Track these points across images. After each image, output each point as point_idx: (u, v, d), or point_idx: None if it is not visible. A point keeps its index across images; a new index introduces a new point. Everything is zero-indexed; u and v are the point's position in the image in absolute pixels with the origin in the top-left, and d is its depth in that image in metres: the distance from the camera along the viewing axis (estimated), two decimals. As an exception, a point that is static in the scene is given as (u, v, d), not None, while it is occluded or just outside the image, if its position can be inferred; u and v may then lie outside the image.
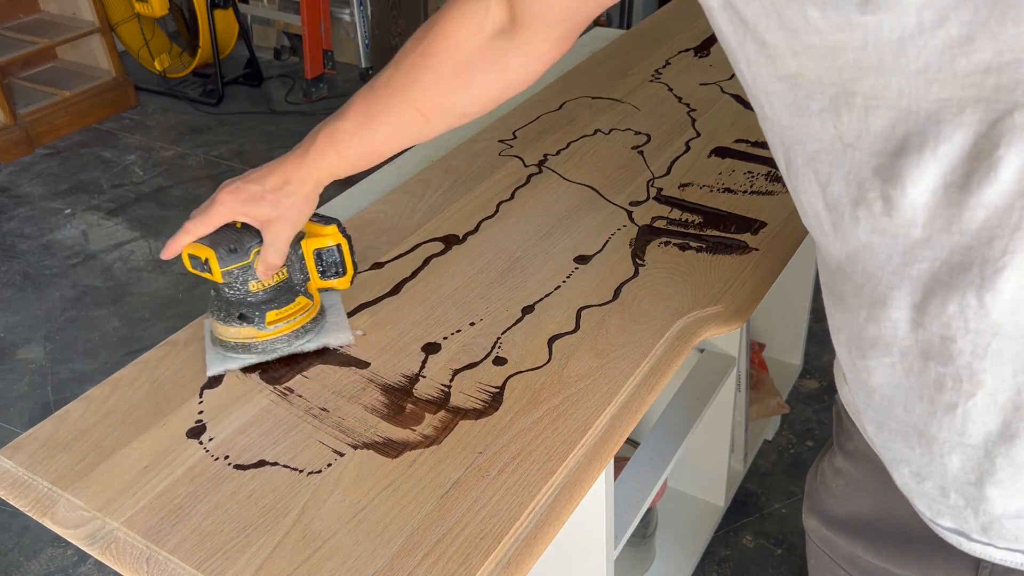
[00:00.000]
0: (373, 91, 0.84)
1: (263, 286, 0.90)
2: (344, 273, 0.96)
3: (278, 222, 0.86)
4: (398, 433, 0.84)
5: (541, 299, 1.01)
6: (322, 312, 0.97)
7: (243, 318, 0.91)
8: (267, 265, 0.88)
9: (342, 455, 0.82)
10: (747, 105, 1.41)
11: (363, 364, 0.93)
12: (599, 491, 1.02)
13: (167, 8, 3.50)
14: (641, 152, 1.30)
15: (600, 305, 1.00)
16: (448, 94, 0.83)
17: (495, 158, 1.31)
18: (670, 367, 0.93)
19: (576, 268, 1.06)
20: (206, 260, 0.87)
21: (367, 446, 0.83)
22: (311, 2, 3.49)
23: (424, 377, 0.91)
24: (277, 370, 0.93)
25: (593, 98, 1.47)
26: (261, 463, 0.82)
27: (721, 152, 1.29)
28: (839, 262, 0.54)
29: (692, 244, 1.10)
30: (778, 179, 1.22)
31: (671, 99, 1.45)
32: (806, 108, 0.49)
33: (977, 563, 0.60)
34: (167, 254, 0.87)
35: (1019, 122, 0.41)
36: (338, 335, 0.95)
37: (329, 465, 0.81)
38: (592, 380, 0.90)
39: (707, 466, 1.63)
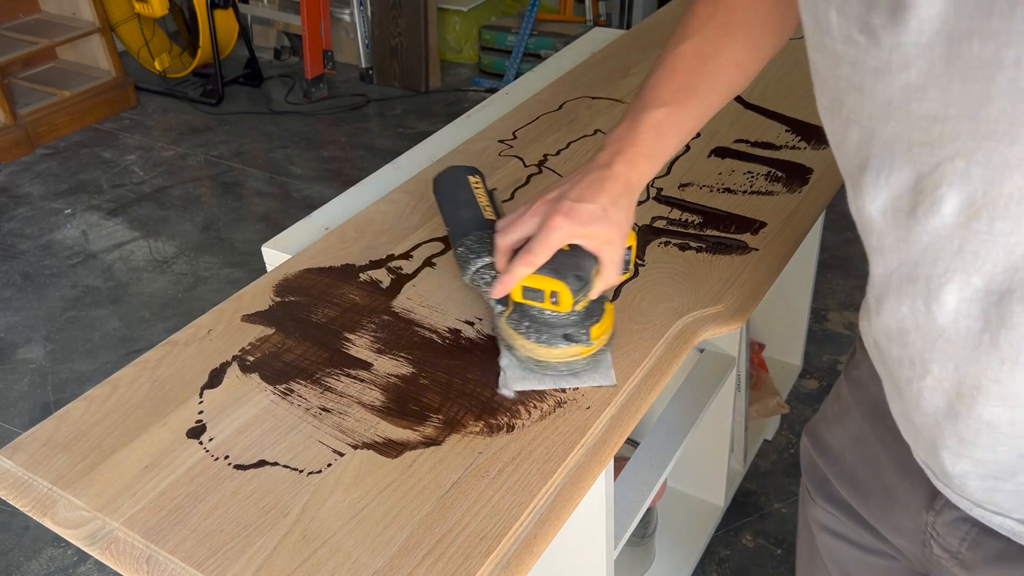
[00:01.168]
0: (678, 64, 0.80)
1: (586, 304, 0.85)
2: (627, 271, 0.89)
3: (617, 240, 0.81)
4: (398, 433, 0.84)
5: (541, 299, 1.01)
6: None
7: (569, 338, 0.85)
8: (607, 285, 0.83)
9: (342, 455, 0.82)
10: (747, 105, 1.41)
11: (365, 365, 0.93)
12: (599, 491, 1.02)
13: (167, 8, 3.50)
14: (641, 152, 1.30)
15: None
16: (756, 39, 0.81)
17: (495, 158, 1.31)
18: (670, 367, 0.93)
19: (576, 268, 1.06)
20: (553, 293, 0.81)
21: (367, 446, 0.83)
22: (311, 2, 3.49)
23: (424, 380, 0.91)
24: (277, 370, 0.93)
25: (593, 98, 1.47)
26: (261, 463, 0.82)
27: (721, 152, 1.29)
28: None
29: (692, 244, 1.10)
30: (778, 179, 1.22)
31: (671, 99, 1.45)
32: (818, 99, 0.55)
33: (929, 505, 0.66)
34: (502, 292, 0.82)
35: (958, 168, 0.45)
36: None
37: (329, 465, 0.81)
38: (592, 380, 0.90)
39: (707, 466, 1.63)
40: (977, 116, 0.43)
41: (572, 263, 0.81)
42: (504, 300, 0.89)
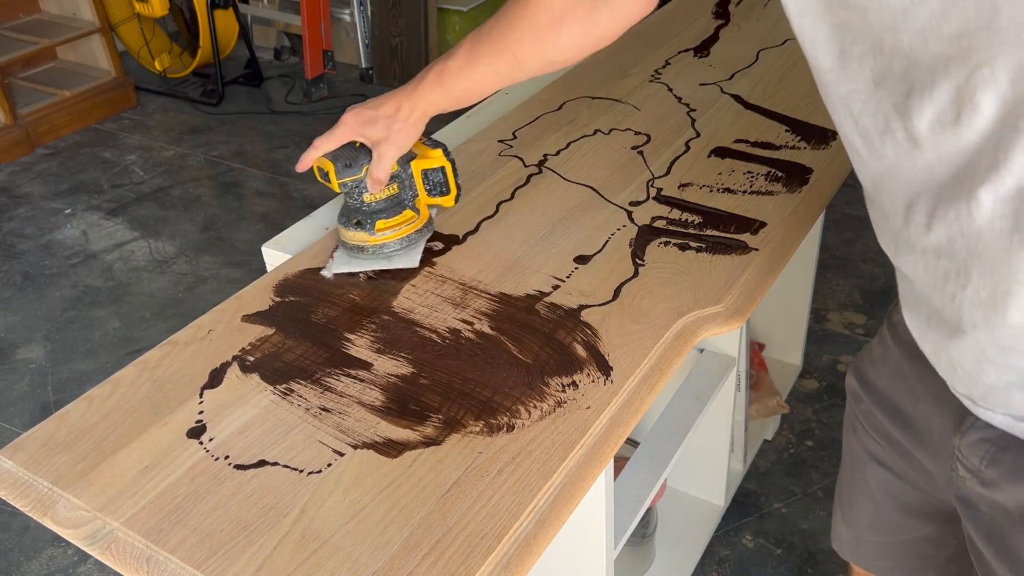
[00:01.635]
0: (479, 36, 0.98)
1: (375, 198, 1.06)
2: (448, 192, 1.10)
3: (386, 143, 1.01)
4: (398, 433, 0.84)
5: (541, 299, 1.01)
6: (429, 228, 1.11)
7: (358, 224, 1.07)
8: (374, 179, 1.03)
9: (342, 455, 0.82)
10: (747, 105, 1.41)
11: (365, 365, 0.93)
12: (599, 491, 1.02)
13: (167, 8, 3.50)
14: (641, 152, 1.30)
15: (600, 305, 1.00)
16: (540, 42, 0.95)
17: (495, 158, 1.31)
18: (670, 367, 0.93)
19: (576, 268, 1.06)
20: (326, 172, 1.04)
21: (367, 446, 0.83)
22: (311, 2, 3.49)
23: (424, 380, 0.91)
24: (277, 370, 0.93)
25: (593, 98, 1.47)
26: (261, 463, 0.82)
27: (721, 152, 1.29)
28: (876, 179, 0.66)
29: (692, 244, 1.10)
30: (778, 179, 1.22)
31: (671, 99, 1.45)
32: (849, 52, 0.60)
33: (957, 429, 0.74)
34: (302, 166, 1.04)
35: (986, 75, 0.52)
36: (408, 258, 1.08)
37: (329, 465, 0.81)
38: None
39: (707, 466, 1.63)
40: (992, 26, 0.50)
41: (349, 154, 1.03)
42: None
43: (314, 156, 1.03)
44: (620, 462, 1.30)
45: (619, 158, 1.29)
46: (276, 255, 1.17)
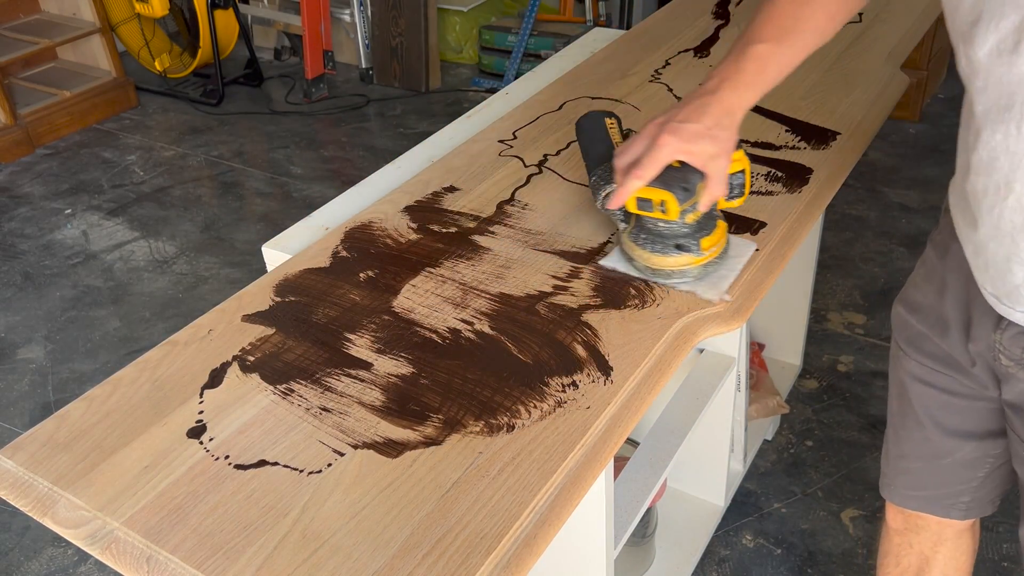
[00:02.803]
0: (776, 7, 0.92)
1: (697, 216, 0.97)
2: (743, 194, 1.01)
3: (721, 157, 0.93)
4: (398, 433, 0.84)
5: (541, 299, 1.01)
6: (728, 237, 1.04)
7: (680, 248, 0.98)
8: (712, 198, 0.95)
9: (342, 455, 0.82)
10: (747, 105, 1.41)
11: (365, 365, 0.93)
12: (599, 491, 1.02)
13: (167, 8, 3.50)
14: (641, 152, 1.30)
15: (600, 305, 1.00)
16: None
17: (495, 158, 1.31)
18: (670, 367, 0.93)
19: (576, 268, 1.06)
20: (662, 202, 0.94)
21: (367, 446, 0.83)
22: (311, 2, 3.49)
23: (424, 380, 0.91)
24: (278, 370, 0.93)
25: (593, 98, 1.47)
26: (261, 463, 0.82)
27: (721, 152, 1.29)
28: (967, 101, 0.76)
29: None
30: (778, 179, 1.22)
31: (671, 99, 1.45)
32: None
33: (996, 327, 0.85)
34: (618, 202, 0.95)
35: None
36: (746, 247, 1.05)
37: (329, 465, 0.81)
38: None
39: (707, 466, 1.63)
40: None
41: (679, 176, 0.93)
42: (627, 218, 1.03)
43: (637, 187, 0.92)
44: (620, 462, 1.30)
45: (619, 158, 1.29)
46: (276, 255, 1.17)
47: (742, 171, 1.00)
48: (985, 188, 0.74)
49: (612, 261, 1.05)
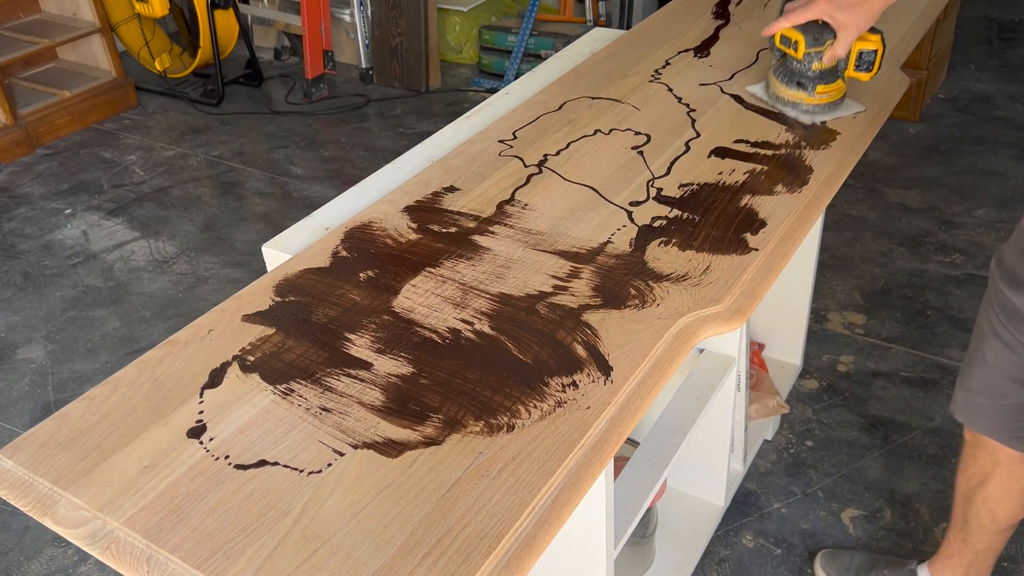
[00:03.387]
0: None
1: (821, 67, 1.29)
2: (871, 70, 1.30)
3: (852, 27, 1.23)
4: (398, 433, 0.84)
5: (541, 299, 1.01)
6: (844, 95, 1.35)
7: (800, 85, 1.32)
8: (834, 56, 1.27)
9: (342, 455, 0.82)
10: (747, 105, 1.41)
11: (365, 365, 0.93)
12: (599, 491, 1.02)
13: (167, 8, 3.50)
14: (641, 152, 1.30)
15: (600, 305, 1.00)
16: None
17: (495, 158, 1.31)
18: (670, 367, 0.93)
19: (576, 268, 1.06)
20: (795, 41, 1.27)
21: (367, 446, 0.83)
22: (311, 2, 3.49)
23: (424, 380, 0.91)
24: (278, 370, 0.93)
25: (593, 98, 1.47)
26: (261, 463, 0.82)
27: (721, 152, 1.29)
28: None
29: (692, 244, 1.10)
30: (778, 179, 1.22)
31: (671, 99, 1.45)
32: None
33: None
34: (769, 32, 1.30)
35: None
36: (855, 107, 1.35)
37: (329, 465, 0.81)
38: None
39: (707, 466, 1.63)
40: None
41: (816, 29, 1.26)
42: (778, 57, 1.36)
43: (783, 25, 1.26)
44: (620, 462, 1.30)
45: (619, 158, 1.29)
46: (276, 255, 1.17)
47: (875, 51, 1.28)
48: None
49: (755, 87, 1.42)
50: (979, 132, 3.08)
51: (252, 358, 0.95)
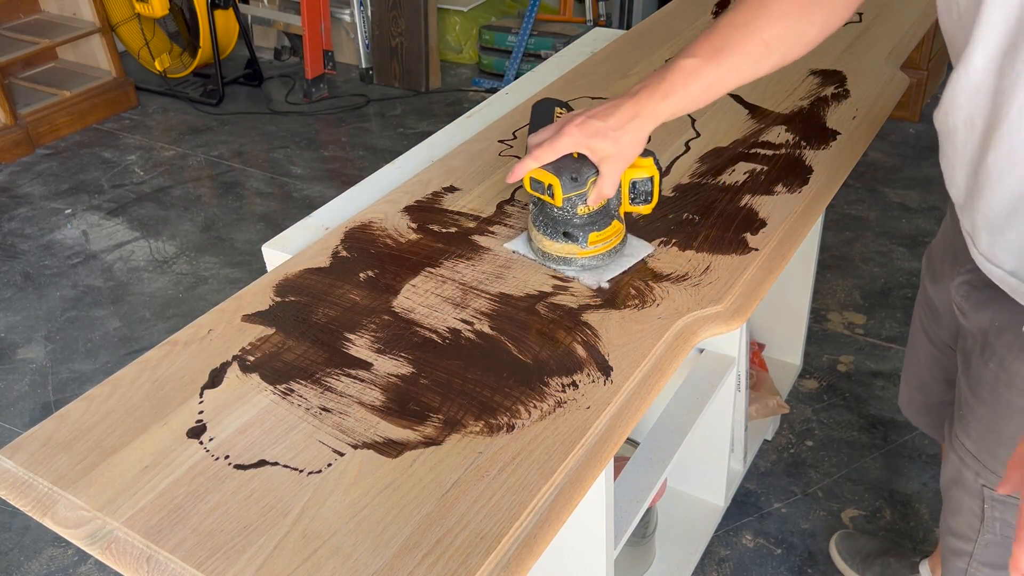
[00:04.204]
0: (716, 30, 0.94)
1: (588, 210, 1.02)
2: (650, 201, 1.06)
3: (615, 158, 0.97)
4: (398, 433, 0.84)
5: (541, 299, 1.01)
6: (626, 237, 1.08)
7: (567, 236, 1.03)
8: (600, 195, 1.00)
9: (342, 455, 0.82)
10: (747, 105, 1.41)
11: (365, 365, 0.93)
12: (599, 491, 1.02)
13: (167, 8, 3.50)
14: (641, 152, 1.30)
15: (600, 305, 1.00)
16: (792, 23, 0.93)
17: (495, 158, 1.31)
18: (670, 367, 0.93)
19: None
20: (549, 186, 0.99)
21: (367, 446, 0.83)
22: (311, 2, 3.49)
23: (424, 380, 0.91)
24: (277, 370, 0.93)
25: (593, 98, 1.47)
26: (261, 463, 0.82)
27: (721, 152, 1.29)
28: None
29: (692, 244, 1.10)
30: (778, 179, 1.22)
31: (671, 99, 1.45)
32: None
33: (953, 276, 0.96)
34: (513, 178, 1.00)
35: None
36: (642, 249, 1.09)
37: (329, 465, 0.81)
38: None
39: (707, 466, 1.63)
40: None
41: (573, 167, 0.99)
42: (536, 203, 1.07)
43: (532, 167, 0.98)
44: (620, 462, 1.30)
45: (619, 158, 1.29)
46: (276, 255, 1.17)
47: (650, 179, 1.03)
48: (965, 121, 0.80)
49: (516, 244, 1.10)
50: (979, 132, 3.07)
51: (252, 358, 0.95)
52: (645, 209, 1.07)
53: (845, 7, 0.95)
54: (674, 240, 1.10)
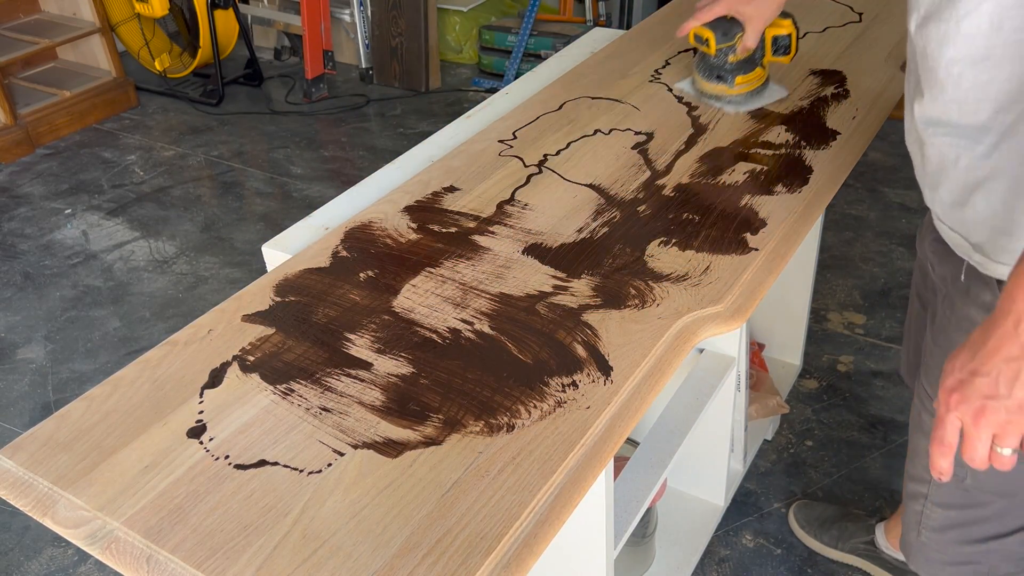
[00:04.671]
0: None
1: (737, 58, 1.34)
2: (789, 52, 1.36)
3: (757, 18, 1.29)
4: (398, 433, 0.84)
5: (541, 299, 1.01)
6: (767, 81, 1.40)
7: (720, 78, 1.36)
8: (745, 48, 1.32)
9: (342, 455, 0.82)
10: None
11: (365, 365, 0.93)
12: (599, 491, 1.02)
13: (167, 8, 3.50)
14: (641, 152, 1.30)
15: (600, 305, 1.00)
16: None
17: (495, 158, 1.31)
18: (670, 367, 0.93)
19: (576, 268, 1.06)
20: (706, 39, 1.32)
21: (367, 446, 0.83)
22: (311, 2, 3.49)
23: (424, 380, 0.91)
24: (277, 370, 0.93)
25: (593, 98, 1.47)
26: (261, 463, 0.82)
27: (721, 152, 1.29)
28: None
29: (692, 244, 1.10)
30: (778, 179, 1.22)
31: (671, 99, 1.45)
32: None
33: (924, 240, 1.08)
34: (681, 32, 1.33)
35: None
36: (779, 92, 1.41)
37: (329, 465, 0.81)
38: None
39: (707, 466, 1.63)
40: None
41: (724, 24, 1.31)
42: (697, 52, 1.40)
43: (693, 25, 1.30)
44: (620, 462, 1.30)
45: (619, 158, 1.29)
46: (276, 255, 1.17)
47: (788, 35, 1.33)
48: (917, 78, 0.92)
49: (682, 83, 1.46)
50: (979, 132, 3.07)
51: (252, 358, 0.95)
52: (785, 59, 1.36)
53: None
54: (674, 240, 1.11)
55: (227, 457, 0.83)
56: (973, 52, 0.80)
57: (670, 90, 1.48)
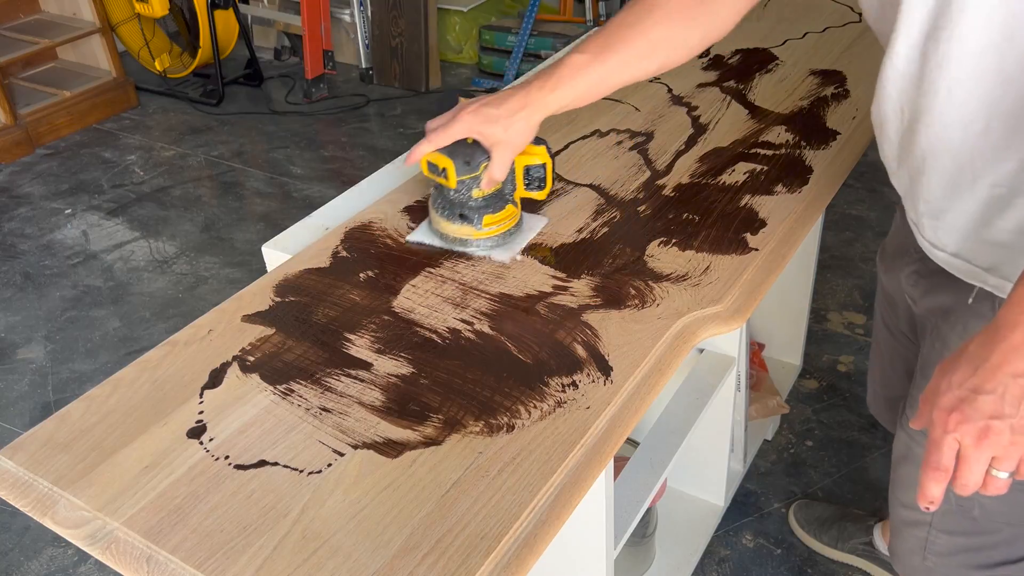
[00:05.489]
0: (606, 28, 1.01)
1: (483, 194, 1.07)
2: (544, 187, 1.11)
3: (505, 145, 1.02)
4: (398, 433, 0.84)
5: (541, 299, 1.01)
6: (521, 223, 1.13)
7: (463, 218, 1.08)
8: (491, 180, 1.05)
9: (342, 455, 0.82)
10: (747, 105, 1.41)
11: (365, 365, 0.93)
12: (599, 491, 1.02)
13: (167, 8, 3.50)
14: (641, 152, 1.30)
15: (600, 305, 1.00)
16: (676, 26, 1.00)
17: (495, 158, 1.31)
18: (670, 367, 0.93)
19: (576, 268, 1.06)
20: (444, 168, 1.04)
21: (367, 446, 0.83)
22: (311, 2, 3.49)
23: (424, 380, 0.91)
24: (277, 370, 0.93)
25: (593, 98, 1.47)
26: (261, 463, 0.82)
27: (721, 152, 1.29)
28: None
29: (692, 244, 1.10)
30: (778, 179, 1.22)
31: (671, 99, 1.45)
32: None
33: (904, 267, 1.02)
34: (411, 161, 1.05)
35: None
36: (539, 222, 1.14)
37: (329, 465, 0.81)
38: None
39: (707, 466, 1.63)
40: None
41: (467, 151, 1.03)
42: (435, 187, 1.11)
43: (427, 150, 1.04)
44: (620, 462, 1.30)
45: (619, 158, 1.29)
46: (276, 255, 1.17)
47: (542, 165, 1.08)
48: (895, 109, 0.84)
49: (417, 233, 1.13)
50: (979, 132, 3.07)
51: (252, 358, 0.95)
52: (539, 195, 1.11)
53: (729, 17, 1.02)
54: (674, 240, 1.11)
55: (227, 457, 0.83)
56: (982, 68, 0.74)
57: (670, 90, 1.48)
